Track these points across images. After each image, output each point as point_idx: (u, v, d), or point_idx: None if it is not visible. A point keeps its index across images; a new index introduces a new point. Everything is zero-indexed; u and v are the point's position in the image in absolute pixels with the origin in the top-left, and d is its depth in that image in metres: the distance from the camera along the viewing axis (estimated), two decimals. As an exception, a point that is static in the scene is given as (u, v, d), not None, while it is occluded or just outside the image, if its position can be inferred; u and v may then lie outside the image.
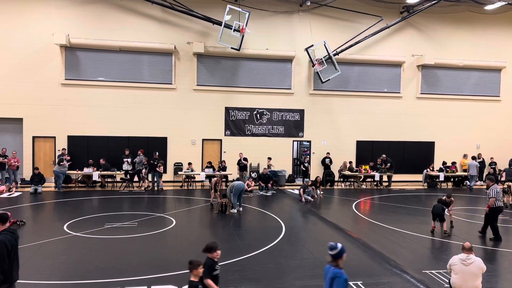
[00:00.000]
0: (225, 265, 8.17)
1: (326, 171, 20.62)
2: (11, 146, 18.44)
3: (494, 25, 22.78)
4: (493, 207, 10.44)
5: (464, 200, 17.26)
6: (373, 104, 21.88)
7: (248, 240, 10.25)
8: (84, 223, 11.55)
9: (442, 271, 7.98)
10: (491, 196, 10.43)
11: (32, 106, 18.70)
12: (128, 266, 7.99)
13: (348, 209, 14.61)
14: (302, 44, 20.52)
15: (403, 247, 9.85)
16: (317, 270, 7.99)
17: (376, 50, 21.68)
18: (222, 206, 13.48)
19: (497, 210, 10.50)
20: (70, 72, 19.12)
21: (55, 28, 18.53)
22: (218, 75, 20.47)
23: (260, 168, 20.23)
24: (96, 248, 9.23)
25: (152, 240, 9.94)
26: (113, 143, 19.49)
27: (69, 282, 7.14)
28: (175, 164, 20.12)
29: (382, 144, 22.01)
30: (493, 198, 10.35)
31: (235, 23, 18.06)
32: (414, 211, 14.33)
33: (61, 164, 17.19)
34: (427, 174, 20.99)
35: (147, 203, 15.16)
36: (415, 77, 22.31)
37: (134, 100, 19.62)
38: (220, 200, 13.60)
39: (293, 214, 13.72)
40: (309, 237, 10.65)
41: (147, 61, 19.77)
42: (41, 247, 9.19)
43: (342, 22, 21.29)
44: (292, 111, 21.22)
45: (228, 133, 20.70)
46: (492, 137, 23.02)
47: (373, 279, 7.56)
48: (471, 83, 22.95)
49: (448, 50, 22.33)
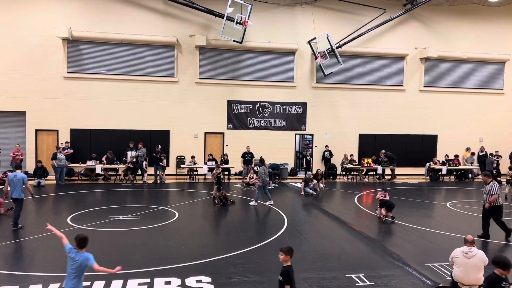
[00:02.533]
0: (227, 258, 8.21)
1: (328, 165, 20.62)
2: (14, 139, 18.52)
3: (498, 17, 22.60)
4: (495, 206, 9.94)
5: (466, 193, 17.25)
6: (375, 97, 21.80)
7: (251, 232, 10.28)
8: (87, 216, 11.61)
9: (444, 263, 7.99)
10: (494, 193, 9.87)
11: (35, 99, 18.73)
12: (131, 259, 8.04)
13: (350, 202, 14.63)
14: (305, 37, 20.42)
15: (405, 240, 9.86)
16: (319, 263, 8.03)
17: (379, 42, 21.57)
18: (222, 199, 13.49)
19: (500, 208, 10.03)
20: (72, 65, 19.12)
21: (57, 21, 18.50)
22: (220, 68, 20.42)
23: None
24: (99, 240, 9.28)
25: (155, 233, 9.98)
26: (116, 137, 19.53)
27: (73, 274, 7.18)
28: (178, 158, 20.15)
29: (384, 137, 21.97)
30: (496, 194, 9.86)
31: (237, 16, 17.98)
32: (416, 204, 14.33)
33: (57, 159, 17.18)
34: (430, 167, 20.98)
35: (150, 196, 15.22)
36: (418, 70, 22.20)
37: (136, 93, 19.62)
38: (218, 193, 13.60)
39: (296, 207, 13.75)
40: (312, 230, 10.68)
41: (149, 54, 19.74)
42: (45, 239, 9.25)
43: (345, 14, 21.17)
44: (294, 104, 21.18)
45: (230, 127, 20.69)
46: (495, 130, 22.94)
47: (375, 272, 7.58)
48: (475, 76, 22.83)
49: (452, 43, 22.19)
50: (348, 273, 7.52)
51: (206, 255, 8.34)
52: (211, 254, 8.35)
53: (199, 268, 7.56)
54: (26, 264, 7.67)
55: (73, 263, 5.19)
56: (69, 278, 5.22)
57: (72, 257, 5.21)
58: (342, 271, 7.59)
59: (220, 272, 7.38)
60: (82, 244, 5.32)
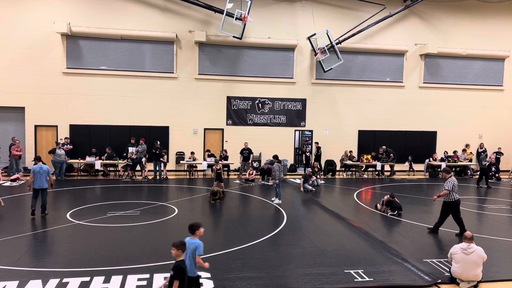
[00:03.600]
0: (227, 253, 8.23)
1: (328, 161, 20.62)
2: (13, 135, 18.49)
3: (498, 14, 22.56)
4: (450, 201, 9.84)
5: (465, 190, 17.28)
6: (375, 93, 21.79)
7: (250, 228, 10.29)
8: (87, 211, 11.62)
9: (443, 260, 8.01)
10: (445, 188, 9.81)
11: (34, 95, 18.69)
12: (130, 254, 8.05)
13: (349, 198, 14.65)
14: (305, 33, 20.37)
15: (404, 236, 9.88)
16: (318, 259, 8.04)
17: (379, 39, 21.53)
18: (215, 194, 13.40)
19: (456, 203, 9.87)
20: (72, 61, 19.07)
21: (56, 16, 18.45)
22: (219, 64, 20.38)
23: (262, 157, 20.25)
24: (99, 236, 9.29)
25: (154, 229, 9.99)
26: (115, 132, 19.51)
27: (72, 269, 7.20)
28: (177, 153, 20.16)
29: (384, 134, 21.98)
30: (447, 190, 9.76)
31: (237, 12, 17.93)
32: (415, 200, 14.35)
33: (56, 154, 17.17)
34: (429, 163, 21.00)
35: (149, 192, 15.23)
36: (418, 66, 22.18)
37: (136, 89, 19.60)
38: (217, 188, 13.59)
39: (295, 203, 13.76)
40: (311, 226, 10.69)
41: (149, 50, 19.69)
42: (45, 235, 9.26)
43: (344, 10, 21.11)
44: (294, 101, 21.16)
45: (230, 123, 20.68)
46: (495, 126, 22.95)
47: (374, 268, 7.60)
48: (474, 72, 22.81)
49: (452, 39, 22.16)
50: (347, 269, 7.53)
51: (205, 251, 8.24)
52: (210, 250, 8.35)
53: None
54: (25, 259, 7.67)
55: (187, 248, 5.57)
56: (187, 260, 5.57)
57: (187, 242, 5.59)
58: (341, 267, 7.61)
59: (219, 268, 7.39)
60: (190, 230, 5.79)
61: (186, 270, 5.28)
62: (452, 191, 9.76)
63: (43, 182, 10.86)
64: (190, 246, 5.55)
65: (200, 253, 5.60)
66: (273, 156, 14.66)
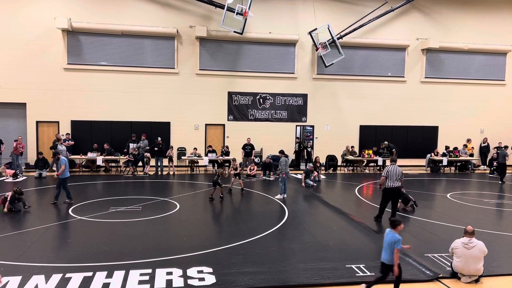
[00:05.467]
0: (228, 249, 8.26)
1: (329, 156, 20.62)
2: (15, 131, 18.53)
3: (500, 8, 22.43)
4: (388, 188, 10.36)
5: (467, 184, 17.28)
6: (376, 88, 21.74)
7: (252, 224, 10.32)
8: (89, 207, 11.66)
9: (444, 254, 8.03)
10: (382, 175, 10.49)
11: (35, 91, 18.70)
12: (132, 250, 8.08)
13: (350, 194, 14.66)
14: (306, 28, 20.30)
15: (405, 231, 9.87)
16: (320, 253, 8.06)
17: (380, 33, 21.44)
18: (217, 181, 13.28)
19: (391, 190, 10.36)
20: (73, 56, 19.06)
21: (56, 12, 18.42)
22: (220, 59, 20.34)
23: (263, 152, 20.26)
24: (101, 231, 9.33)
25: (156, 224, 10.03)
26: (117, 128, 19.53)
27: (74, 265, 7.23)
28: (179, 149, 20.17)
29: (385, 129, 21.95)
30: (383, 177, 10.37)
31: (238, 6, 17.86)
32: (417, 195, 14.35)
33: (57, 149, 17.18)
34: (431, 158, 20.98)
35: (151, 187, 15.26)
36: (419, 61, 22.10)
37: (137, 85, 19.58)
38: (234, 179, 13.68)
39: (296, 199, 13.78)
40: (312, 221, 10.71)
41: (150, 45, 19.66)
42: (47, 230, 9.30)
43: (346, 5, 21.03)
44: (295, 96, 21.13)
45: (231, 118, 20.67)
46: (497, 121, 22.90)
47: (375, 263, 7.61)
48: (476, 67, 22.73)
49: (453, 34, 22.06)
50: (349, 263, 7.56)
51: (207, 246, 8.38)
52: (212, 245, 8.39)
53: (200, 259, 7.60)
54: (27, 255, 7.71)
55: (385, 239, 6.26)
56: (384, 251, 6.27)
57: (386, 234, 6.30)
58: (343, 262, 7.63)
59: (221, 263, 7.42)
60: (391, 225, 6.38)
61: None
62: (387, 178, 10.30)
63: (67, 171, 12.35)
64: (391, 238, 6.16)
65: (398, 247, 6.10)
66: (280, 151, 14.67)
